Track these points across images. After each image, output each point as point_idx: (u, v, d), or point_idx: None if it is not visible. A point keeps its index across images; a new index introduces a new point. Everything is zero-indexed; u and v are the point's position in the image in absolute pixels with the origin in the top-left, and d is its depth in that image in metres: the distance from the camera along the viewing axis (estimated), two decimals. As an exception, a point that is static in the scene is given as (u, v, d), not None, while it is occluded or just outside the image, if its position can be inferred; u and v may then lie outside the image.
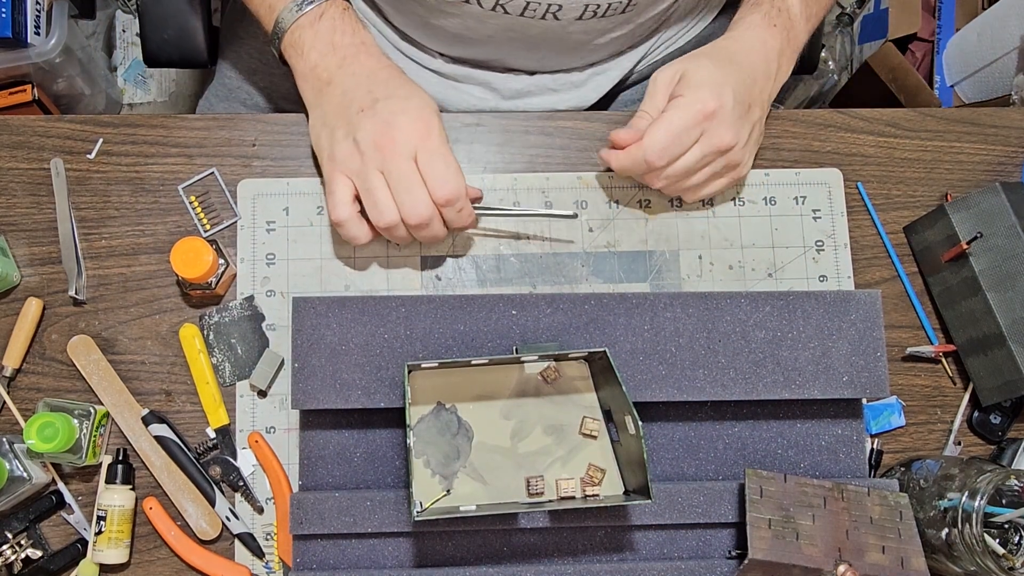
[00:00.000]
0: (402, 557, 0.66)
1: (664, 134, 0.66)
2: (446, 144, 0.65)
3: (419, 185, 0.63)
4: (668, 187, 0.71)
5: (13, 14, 1.20)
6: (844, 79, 1.61)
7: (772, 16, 0.71)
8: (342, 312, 0.65)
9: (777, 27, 0.70)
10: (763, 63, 0.70)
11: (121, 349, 0.71)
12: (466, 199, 0.66)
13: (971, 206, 0.71)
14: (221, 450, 0.70)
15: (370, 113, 0.64)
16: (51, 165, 0.73)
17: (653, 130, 0.66)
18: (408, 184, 0.63)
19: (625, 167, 0.70)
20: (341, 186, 0.65)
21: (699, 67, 0.67)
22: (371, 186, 0.64)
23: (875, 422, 0.72)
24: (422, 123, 0.64)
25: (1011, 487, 0.64)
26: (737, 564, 0.64)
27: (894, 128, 0.78)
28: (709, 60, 0.68)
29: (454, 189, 0.64)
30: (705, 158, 0.68)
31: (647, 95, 0.70)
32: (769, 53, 0.70)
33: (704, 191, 0.72)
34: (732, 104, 0.66)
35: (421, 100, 0.65)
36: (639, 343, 0.66)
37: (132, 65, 1.63)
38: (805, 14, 0.72)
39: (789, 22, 0.71)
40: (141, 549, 0.69)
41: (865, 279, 0.75)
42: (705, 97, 0.66)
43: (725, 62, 0.68)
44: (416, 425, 0.66)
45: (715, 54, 0.69)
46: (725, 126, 0.66)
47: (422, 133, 0.64)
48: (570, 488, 0.65)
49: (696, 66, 0.67)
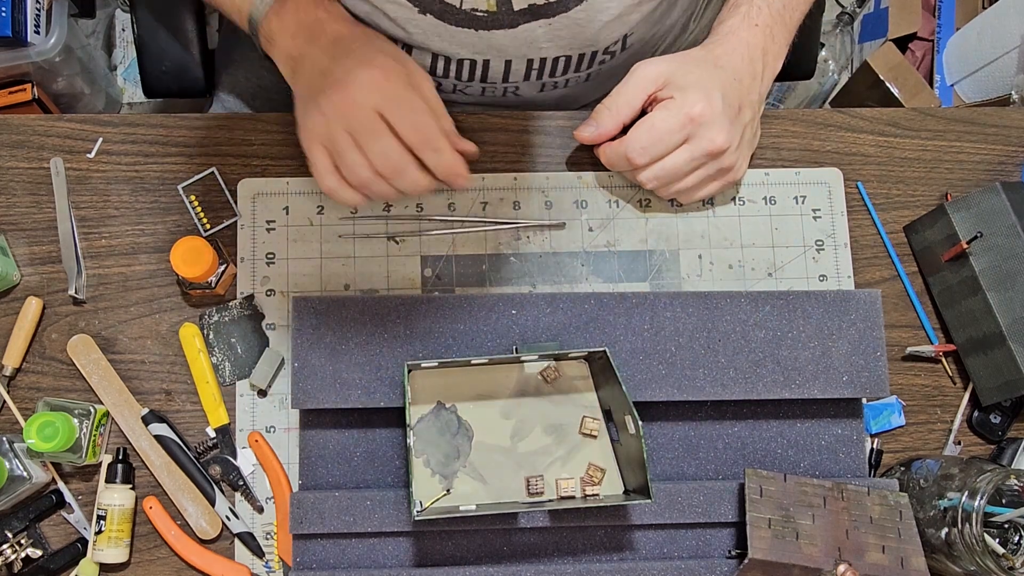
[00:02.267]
0: (402, 557, 0.66)
1: (647, 134, 0.66)
2: (408, 88, 0.63)
3: (384, 133, 0.62)
4: (660, 189, 0.71)
5: (13, 13, 1.20)
6: (844, 79, 1.61)
7: (752, 16, 0.69)
8: (342, 312, 0.65)
9: (759, 26, 0.69)
10: (748, 64, 0.69)
11: (121, 348, 0.71)
12: (443, 139, 0.63)
13: (971, 206, 0.71)
14: (221, 449, 0.70)
15: (331, 77, 0.63)
16: (51, 164, 0.73)
17: (636, 129, 0.66)
18: (372, 135, 0.61)
19: (609, 162, 0.70)
20: (318, 156, 0.64)
21: (686, 72, 0.66)
22: (339, 148, 0.62)
23: (875, 422, 0.72)
24: (380, 72, 0.62)
25: (1011, 487, 0.64)
26: (737, 564, 0.65)
27: (894, 128, 0.78)
28: (694, 65, 0.67)
29: (422, 129, 0.62)
30: (695, 161, 0.67)
31: (620, 85, 0.68)
32: (754, 53, 0.69)
33: (698, 194, 0.72)
34: (722, 107, 0.66)
35: (382, 52, 0.64)
36: (639, 343, 0.66)
37: (132, 64, 1.63)
38: (789, 7, 0.71)
39: (771, 19, 0.70)
40: (141, 548, 0.69)
41: (865, 279, 0.75)
42: (693, 100, 0.65)
43: (710, 67, 0.67)
44: (416, 425, 0.66)
45: (699, 59, 0.68)
46: (716, 129, 0.66)
47: (380, 82, 0.62)
48: (570, 488, 0.65)
49: (683, 71, 0.66)
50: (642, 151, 0.67)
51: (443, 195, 0.74)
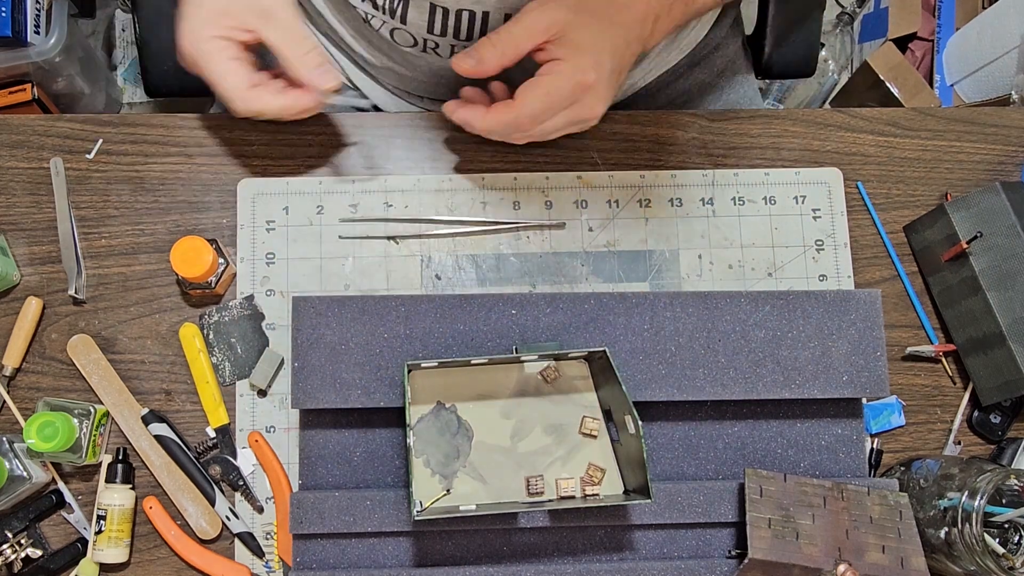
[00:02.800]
0: (402, 556, 0.66)
1: (542, 102, 0.64)
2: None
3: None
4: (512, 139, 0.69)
5: (13, 13, 1.20)
6: (844, 79, 1.61)
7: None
8: (342, 312, 0.65)
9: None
10: (639, 25, 0.66)
11: (121, 348, 0.71)
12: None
13: (971, 205, 0.71)
14: (221, 449, 0.70)
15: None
16: (51, 164, 0.73)
17: (530, 96, 0.64)
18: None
19: (493, 129, 0.67)
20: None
21: (581, 25, 0.63)
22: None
23: (875, 422, 0.72)
24: None
25: (1011, 487, 0.64)
26: (737, 564, 0.65)
27: (894, 128, 0.78)
28: (591, 17, 0.64)
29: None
30: (568, 125, 0.66)
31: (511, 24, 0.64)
32: (648, 15, 0.66)
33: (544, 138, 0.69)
34: (607, 75, 0.64)
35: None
36: (639, 343, 0.66)
37: (132, 64, 1.63)
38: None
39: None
40: (141, 548, 0.69)
41: (865, 279, 0.75)
42: (586, 67, 0.63)
43: (606, 20, 0.64)
44: (416, 425, 0.66)
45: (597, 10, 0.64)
46: (597, 98, 0.65)
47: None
48: (570, 488, 0.65)
49: (579, 23, 0.63)
50: (534, 118, 0.64)
51: (443, 195, 0.74)
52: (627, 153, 0.76)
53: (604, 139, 0.76)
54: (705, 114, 0.78)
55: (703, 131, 0.77)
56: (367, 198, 0.74)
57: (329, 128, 0.75)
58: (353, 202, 0.74)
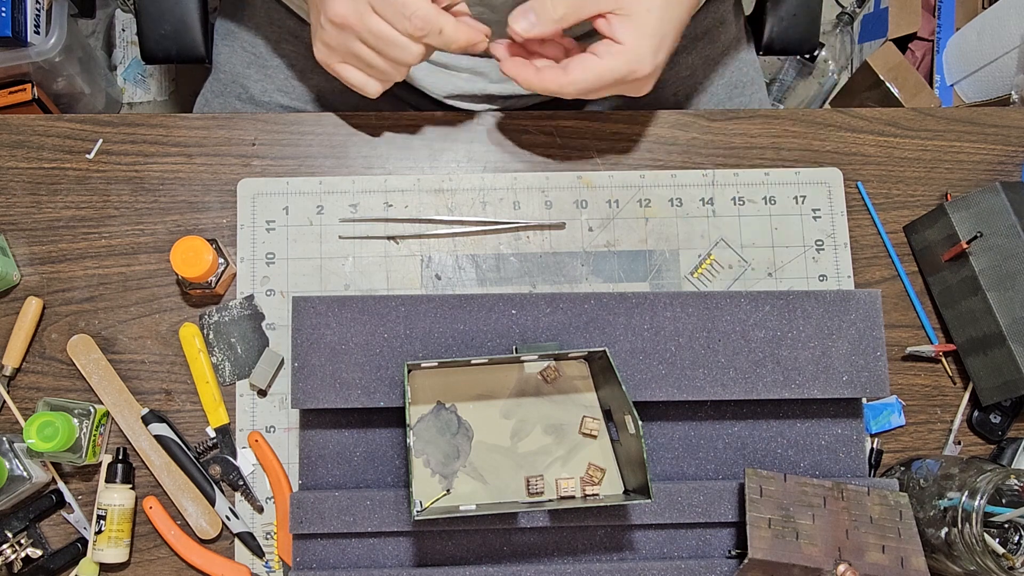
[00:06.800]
0: (402, 556, 0.66)
1: (592, 83, 0.63)
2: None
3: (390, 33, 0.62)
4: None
5: (13, 13, 1.20)
6: (844, 79, 1.61)
7: None
8: (342, 312, 0.65)
9: None
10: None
11: (121, 348, 0.71)
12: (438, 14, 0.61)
13: (971, 206, 0.71)
14: (221, 449, 0.70)
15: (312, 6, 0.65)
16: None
17: (581, 72, 0.63)
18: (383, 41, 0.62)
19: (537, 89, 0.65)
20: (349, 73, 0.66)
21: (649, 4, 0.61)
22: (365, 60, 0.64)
23: (875, 422, 0.72)
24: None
25: (1011, 487, 0.64)
26: (737, 564, 0.65)
27: (894, 128, 0.78)
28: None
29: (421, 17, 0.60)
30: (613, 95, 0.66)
31: None
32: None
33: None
34: (662, 63, 0.64)
35: None
36: (639, 343, 0.66)
37: (132, 64, 1.63)
38: None
39: None
40: (141, 548, 0.69)
41: (865, 278, 0.75)
42: (644, 56, 0.62)
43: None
44: (416, 424, 0.66)
45: None
46: (647, 84, 0.65)
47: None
48: (570, 487, 0.65)
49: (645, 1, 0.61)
50: (580, 92, 0.64)
51: (443, 195, 0.74)
52: (627, 153, 0.76)
53: (604, 139, 0.76)
54: (705, 114, 0.78)
55: (703, 131, 0.77)
56: (367, 198, 0.74)
57: (329, 128, 0.75)
58: (353, 202, 0.74)
